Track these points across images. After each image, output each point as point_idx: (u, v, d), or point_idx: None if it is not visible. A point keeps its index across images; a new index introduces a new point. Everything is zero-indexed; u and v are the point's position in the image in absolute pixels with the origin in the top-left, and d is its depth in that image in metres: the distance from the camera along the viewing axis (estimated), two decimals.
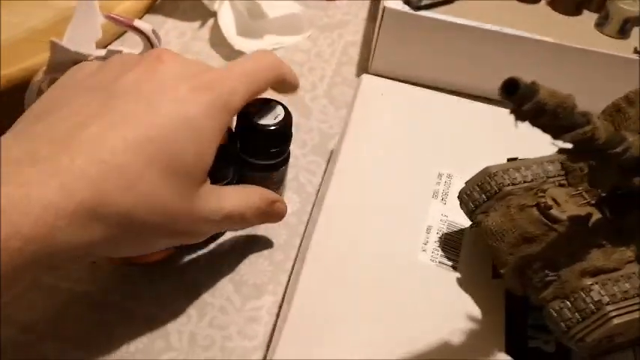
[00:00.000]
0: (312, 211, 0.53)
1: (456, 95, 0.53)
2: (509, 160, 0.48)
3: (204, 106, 0.35)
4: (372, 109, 0.50)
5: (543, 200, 0.36)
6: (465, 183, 0.41)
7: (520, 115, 0.26)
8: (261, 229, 0.50)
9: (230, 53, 0.65)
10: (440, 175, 0.46)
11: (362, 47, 0.69)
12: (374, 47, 0.62)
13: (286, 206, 0.45)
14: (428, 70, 0.62)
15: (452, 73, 0.62)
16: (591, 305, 0.34)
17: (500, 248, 0.37)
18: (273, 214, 0.43)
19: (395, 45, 0.61)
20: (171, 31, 0.67)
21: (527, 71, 0.64)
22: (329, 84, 0.64)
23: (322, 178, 0.55)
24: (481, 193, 0.39)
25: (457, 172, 0.46)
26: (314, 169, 0.56)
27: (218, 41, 0.66)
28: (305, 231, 0.51)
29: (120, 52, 0.52)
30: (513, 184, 0.39)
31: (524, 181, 0.39)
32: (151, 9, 0.68)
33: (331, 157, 0.54)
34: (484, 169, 0.40)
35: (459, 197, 0.41)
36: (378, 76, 0.54)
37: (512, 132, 0.49)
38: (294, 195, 0.54)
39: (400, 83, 0.53)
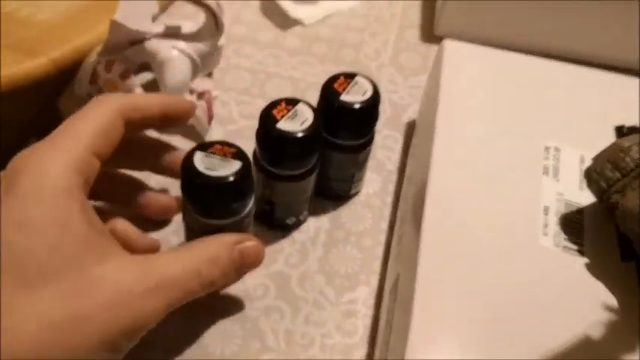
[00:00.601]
0: (397, 191, 0.49)
1: (542, 57, 0.49)
2: (617, 128, 0.44)
3: None
4: (462, 80, 0.46)
5: None
6: (593, 159, 0.37)
7: None
8: (344, 214, 0.47)
9: (284, 22, 0.60)
10: (547, 149, 0.42)
11: (423, 8, 0.64)
12: (440, 7, 0.58)
13: (260, 243, 0.37)
14: (503, 30, 0.57)
15: (533, 32, 0.57)
16: None
17: None
18: (245, 257, 0.36)
19: (462, 2, 0.56)
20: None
21: (615, 30, 0.60)
22: (393, 50, 0.59)
23: (402, 155, 0.51)
24: (614, 171, 0.36)
25: (564, 144, 0.42)
26: (391, 144, 0.52)
27: (271, 9, 0.61)
28: (393, 214, 0.47)
29: (179, 27, 0.48)
30: None
31: None
32: None
33: (416, 133, 0.50)
34: (615, 143, 0.36)
35: (587, 175, 0.37)
36: (445, 38, 0.50)
37: (616, 97, 0.46)
38: (373, 174, 0.50)
39: (487, 47, 0.48)
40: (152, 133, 0.43)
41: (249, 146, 0.49)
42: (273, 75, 0.56)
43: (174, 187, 0.45)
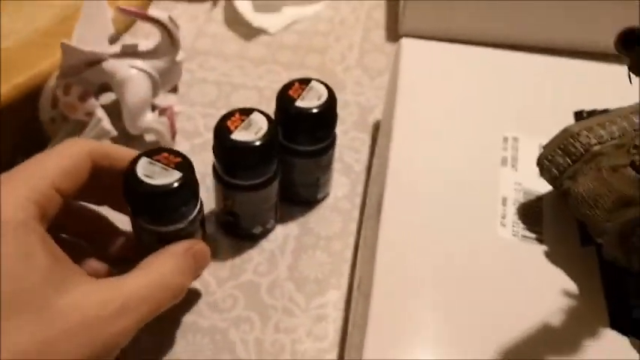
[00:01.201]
0: (365, 192, 0.49)
1: (501, 49, 0.49)
2: (576, 113, 0.44)
3: None
4: (419, 76, 0.46)
5: (638, 158, 0.32)
6: (543, 147, 0.37)
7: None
8: (312, 219, 0.47)
9: (249, 32, 0.60)
10: (505, 139, 0.42)
11: (387, 9, 0.64)
12: (403, 6, 0.58)
13: (205, 245, 0.39)
14: (464, 25, 0.57)
15: (492, 25, 0.57)
16: None
17: (595, 216, 0.33)
18: (198, 259, 0.38)
19: (424, 2, 0.56)
20: (182, 15, 0.62)
21: (577, 18, 0.60)
22: (359, 52, 0.59)
23: (370, 155, 0.51)
24: (565, 157, 0.35)
25: (523, 134, 0.42)
26: (358, 146, 0.52)
27: (234, 20, 0.61)
28: (362, 215, 0.47)
29: (136, 45, 0.48)
30: (600, 143, 0.35)
31: (612, 138, 0.35)
32: None
33: (379, 132, 0.50)
34: (565, 130, 0.36)
35: (539, 163, 0.37)
36: (409, 37, 0.50)
37: (572, 84, 0.46)
38: (342, 177, 0.50)
39: (443, 43, 0.48)
40: None
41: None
42: (239, 86, 0.56)
43: None
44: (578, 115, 0.43)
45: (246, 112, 0.40)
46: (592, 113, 0.43)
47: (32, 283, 0.29)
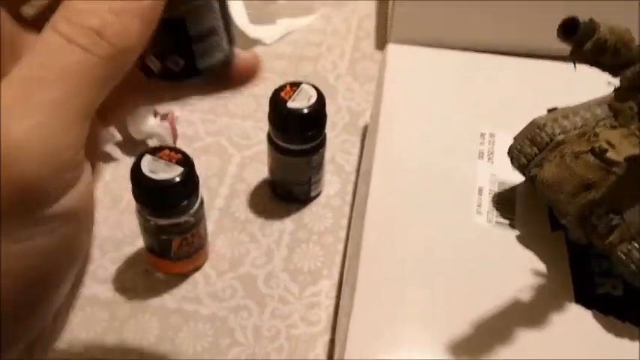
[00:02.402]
0: (355, 190, 0.52)
1: (484, 54, 0.52)
2: (549, 110, 0.47)
3: None
4: (403, 79, 0.49)
5: (598, 144, 0.35)
6: (514, 138, 0.40)
7: (580, 57, 0.25)
8: (306, 216, 0.50)
9: (245, 43, 0.64)
10: (482, 135, 0.45)
11: (377, 19, 0.68)
12: (391, 15, 0.61)
13: None
14: (449, 32, 0.61)
15: (475, 31, 0.61)
16: None
17: (559, 199, 0.36)
18: None
19: (412, 10, 0.60)
20: None
21: (556, 18, 0.63)
22: (350, 60, 0.63)
23: (360, 156, 0.55)
24: (532, 146, 0.39)
25: (499, 129, 0.45)
26: (349, 148, 0.55)
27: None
28: (352, 211, 0.51)
29: None
30: (564, 133, 0.38)
31: (575, 128, 0.38)
32: None
33: (367, 133, 0.53)
34: (532, 122, 0.39)
35: (509, 153, 0.40)
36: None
37: (547, 83, 0.49)
38: (333, 177, 0.53)
39: (426, 48, 0.52)
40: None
41: (214, 161, 0.53)
42: (237, 93, 0.59)
43: None
44: (551, 112, 0.46)
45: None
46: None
47: None
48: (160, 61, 0.23)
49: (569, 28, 0.24)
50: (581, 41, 0.24)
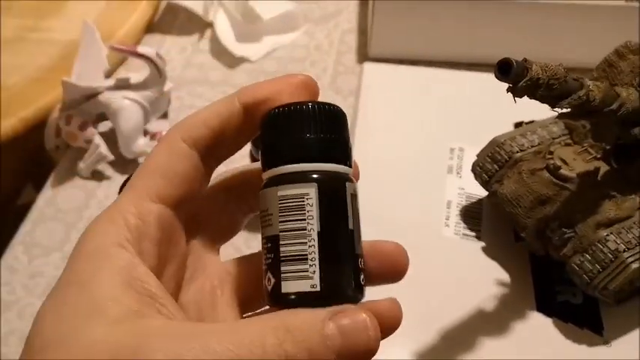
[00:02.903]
0: None
1: (458, 65, 0.55)
2: (516, 125, 0.49)
3: None
4: (378, 95, 0.52)
5: (552, 162, 0.38)
6: (477, 156, 0.42)
7: (517, 92, 0.27)
8: None
9: (232, 61, 0.66)
10: (452, 150, 0.47)
11: (359, 34, 0.70)
12: (370, 32, 0.64)
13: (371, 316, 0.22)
14: (426, 46, 0.63)
15: (450, 45, 0.63)
16: (609, 255, 0.35)
17: (518, 213, 0.39)
18: (349, 338, 0.21)
19: (390, 26, 0.62)
20: (172, 48, 0.68)
21: (524, 33, 0.65)
22: (332, 75, 0.65)
23: None
24: (493, 164, 0.41)
25: (468, 144, 0.48)
26: None
27: (219, 51, 0.67)
28: None
29: (128, 79, 0.55)
30: (522, 150, 0.40)
31: (532, 146, 0.41)
32: (149, 28, 0.70)
33: None
34: (492, 140, 0.42)
35: (473, 170, 0.42)
36: (378, 59, 0.56)
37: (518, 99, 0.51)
38: None
39: (401, 66, 0.54)
40: None
41: None
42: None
43: None
44: (518, 126, 0.49)
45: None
46: (530, 123, 0.48)
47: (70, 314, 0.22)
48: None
49: (504, 68, 0.27)
50: (516, 80, 0.27)
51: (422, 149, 0.48)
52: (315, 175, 0.22)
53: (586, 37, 0.58)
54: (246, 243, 0.51)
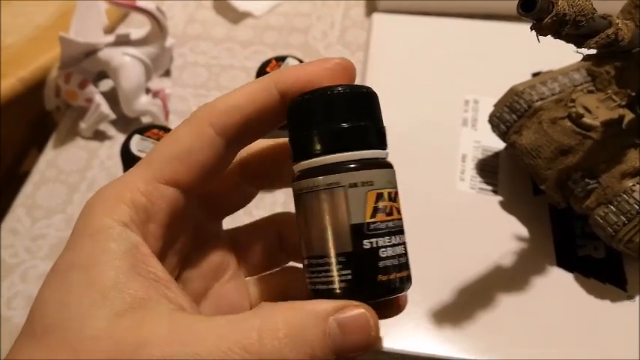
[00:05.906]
0: None
1: (472, 17, 0.52)
2: (533, 75, 0.47)
3: None
4: (388, 48, 0.50)
5: (574, 110, 0.36)
6: (494, 106, 0.40)
7: (541, 30, 0.25)
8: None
9: (236, 17, 0.64)
10: (466, 102, 0.46)
11: None
12: None
13: (370, 310, 0.22)
14: None
15: None
16: (635, 206, 0.34)
17: (537, 165, 0.37)
18: (347, 332, 0.21)
19: None
20: (174, 4, 0.66)
21: None
22: (340, 29, 0.63)
23: None
24: (511, 114, 0.39)
25: (482, 96, 0.46)
26: None
27: (222, 6, 0.65)
28: None
29: (128, 34, 0.53)
30: (542, 99, 0.38)
31: (553, 94, 0.39)
32: None
33: None
34: (510, 89, 0.40)
35: (490, 121, 0.41)
36: (388, 12, 0.54)
37: (532, 47, 0.49)
38: None
39: (411, 16, 0.52)
40: None
41: None
42: (228, 67, 0.60)
43: None
44: (533, 77, 0.47)
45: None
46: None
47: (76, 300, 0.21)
48: None
49: (527, 4, 0.25)
50: (540, 16, 0.25)
51: (435, 102, 0.46)
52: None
53: None
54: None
